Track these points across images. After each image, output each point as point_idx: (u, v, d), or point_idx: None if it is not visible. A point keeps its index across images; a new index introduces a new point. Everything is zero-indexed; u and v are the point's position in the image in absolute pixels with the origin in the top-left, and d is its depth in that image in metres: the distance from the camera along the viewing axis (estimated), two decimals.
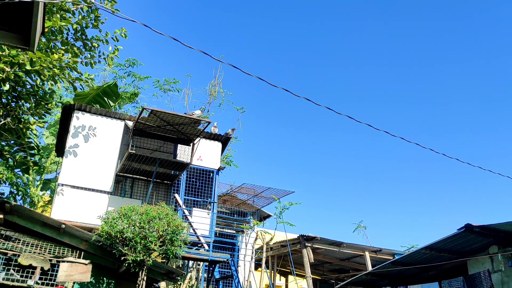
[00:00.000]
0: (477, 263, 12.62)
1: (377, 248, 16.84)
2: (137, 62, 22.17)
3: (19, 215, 7.94)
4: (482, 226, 10.88)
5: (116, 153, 11.67)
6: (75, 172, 11.09)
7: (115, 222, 8.36)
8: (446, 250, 12.39)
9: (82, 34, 10.41)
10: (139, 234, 8.22)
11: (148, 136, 11.31)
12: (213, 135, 13.08)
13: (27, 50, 5.38)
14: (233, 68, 7.01)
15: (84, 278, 7.68)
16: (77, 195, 10.96)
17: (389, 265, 13.39)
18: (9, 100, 9.94)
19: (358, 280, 14.76)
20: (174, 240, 8.60)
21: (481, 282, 12.36)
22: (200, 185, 12.86)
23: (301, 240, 15.60)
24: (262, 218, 19.55)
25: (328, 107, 8.24)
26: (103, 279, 8.85)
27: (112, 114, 11.97)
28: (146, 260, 8.24)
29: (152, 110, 10.26)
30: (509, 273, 11.60)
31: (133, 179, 12.17)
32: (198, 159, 12.48)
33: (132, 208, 8.65)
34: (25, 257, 7.32)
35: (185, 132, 11.14)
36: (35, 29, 4.47)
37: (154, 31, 6.22)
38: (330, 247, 16.16)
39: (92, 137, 11.52)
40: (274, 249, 17.32)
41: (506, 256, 11.62)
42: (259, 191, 17.51)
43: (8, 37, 4.69)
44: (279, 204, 16.12)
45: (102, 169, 11.39)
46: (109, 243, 8.35)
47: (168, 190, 12.51)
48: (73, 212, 10.69)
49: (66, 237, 8.27)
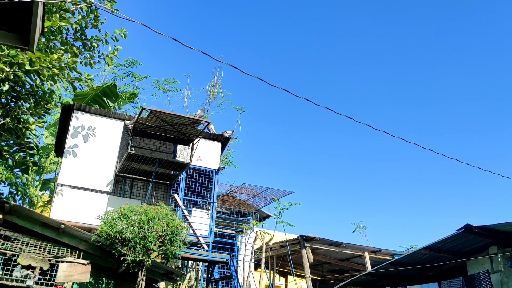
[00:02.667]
0: (476, 263, 12.62)
1: (376, 248, 16.85)
2: (136, 62, 22.15)
3: (19, 215, 7.93)
4: (481, 226, 10.88)
5: (116, 153, 11.66)
6: (74, 172, 11.08)
7: (114, 222, 8.34)
8: (445, 250, 12.38)
9: (82, 34, 10.40)
10: (138, 234, 8.21)
11: (147, 136, 11.30)
12: (212, 135, 13.07)
13: (26, 50, 5.37)
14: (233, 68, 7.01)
15: (83, 278, 7.67)
16: (76, 195, 10.95)
17: (388, 266, 13.38)
18: (9, 100, 9.93)
19: (357, 280, 14.75)
20: (174, 240, 8.60)
21: (480, 283, 12.35)
22: (199, 185, 12.85)
23: (301, 240, 15.60)
24: (262, 218, 19.54)
25: (327, 108, 8.24)
26: (103, 279, 8.84)
27: (111, 114, 11.97)
28: (145, 260, 8.23)
29: (151, 110, 10.26)
30: (509, 274, 11.60)
31: (132, 179, 12.16)
32: (197, 159, 12.48)
33: (132, 208, 8.64)
34: (25, 257, 7.31)
35: (184, 132, 11.13)
36: (35, 29, 4.46)
37: (153, 31, 6.22)
38: (330, 247, 16.16)
39: (92, 137, 11.51)
40: (274, 249, 17.32)
41: (506, 257, 11.62)
42: (258, 191, 17.50)
43: (8, 37, 4.68)
44: (279, 205, 16.11)
45: (102, 169, 11.38)
46: (108, 243, 8.34)
47: (168, 190, 12.51)
48: (72, 212, 10.68)
49: (66, 237, 8.27)
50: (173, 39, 6.40)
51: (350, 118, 8.43)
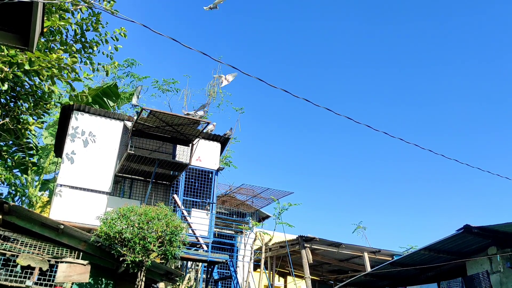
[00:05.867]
0: (476, 264, 12.63)
1: (376, 249, 16.86)
2: (136, 62, 22.16)
3: (18, 216, 7.92)
4: (481, 227, 10.89)
5: (115, 153, 11.66)
6: (74, 172, 11.07)
7: (114, 222, 8.34)
8: (445, 251, 12.38)
9: (82, 36, 10.38)
10: (138, 235, 8.20)
11: (147, 136, 11.30)
12: (212, 135, 13.06)
13: (26, 50, 5.36)
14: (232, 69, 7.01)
15: (82, 278, 7.66)
16: (75, 195, 10.94)
17: (388, 266, 13.38)
18: (8, 100, 9.91)
19: (357, 281, 14.75)
20: (173, 240, 8.59)
21: (480, 283, 12.35)
22: (199, 185, 12.85)
23: (300, 241, 15.61)
24: (261, 218, 19.54)
25: (327, 108, 8.23)
26: (102, 279, 8.82)
27: (111, 115, 11.96)
28: (145, 260, 8.22)
29: (151, 110, 10.25)
30: (508, 274, 11.60)
31: (132, 179, 12.15)
32: (197, 160, 12.47)
33: (131, 209, 8.63)
34: (24, 258, 7.29)
35: (184, 133, 11.13)
36: (34, 29, 4.46)
37: (153, 31, 6.21)
38: (329, 248, 16.17)
39: (91, 137, 11.51)
40: (273, 250, 17.32)
41: (505, 257, 11.62)
42: (258, 191, 17.50)
43: (7, 37, 4.67)
44: (278, 205, 16.12)
45: (101, 170, 11.37)
46: (107, 244, 8.33)
47: (167, 190, 12.50)
48: (71, 213, 10.67)
49: (65, 237, 8.25)
50: (172, 39, 6.40)
51: (349, 118, 8.43)
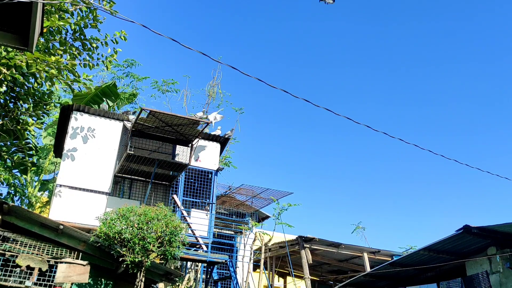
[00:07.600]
0: (475, 264, 12.63)
1: (375, 249, 16.86)
2: (135, 62, 22.16)
3: (17, 216, 7.91)
4: (480, 227, 10.89)
5: (115, 153, 11.65)
6: (73, 172, 11.06)
7: (113, 223, 8.33)
8: (444, 251, 12.38)
9: (81, 34, 10.38)
10: (137, 235, 8.20)
11: (146, 137, 11.29)
12: (211, 136, 13.06)
13: (25, 51, 5.36)
14: (232, 69, 7.01)
15: (82, 279, 7.65)
16: (75, 196, 10.94)
17: (387, 266, 13.38)
18: (7, 100, 9.91)
19: (356, 281, 14.75)
20: (173, 241, 8.58)
21: (479, 284, 12.35)
22: (198, 186, 12.84)
23: (300, 241, 15.61)
24: (261, 219, 19.54)
25: (326, 108, 8.23)
26: (101, 280, 8.82)
27: (110, 115, 11.96)
28: (144, 261, 8.22)
29: (150, 110, 10.25)
30: (508, 275, 11.60)
31: (131, 180, 12.15)
32: (196, 160, 12.47)
33: (131, 209, 8.63)
34: (23, 258, 7.29)
35: (183, 133, 11.13)
36: (34, 29, 4.46)
37: (152, 31, 6.21)
38: (329, 248, 16.17)
39: (91, 137, 11.50)
40: (273, 250, 17.32)
41: (504, 258, 11.62)
42: (257, 192, 17.50)
43: (7, 37, 4.68)
44: (278, 205, 16.12)
45: (101, 170, 11.36)
46: (107, 244, 8.33)
47: (167, 191, 12.50)
48: (71, 213, 10.66)
49: (64, 238, 8.24)
50: (172, 39, 6.40)
51: (349, 118, 8.44)
